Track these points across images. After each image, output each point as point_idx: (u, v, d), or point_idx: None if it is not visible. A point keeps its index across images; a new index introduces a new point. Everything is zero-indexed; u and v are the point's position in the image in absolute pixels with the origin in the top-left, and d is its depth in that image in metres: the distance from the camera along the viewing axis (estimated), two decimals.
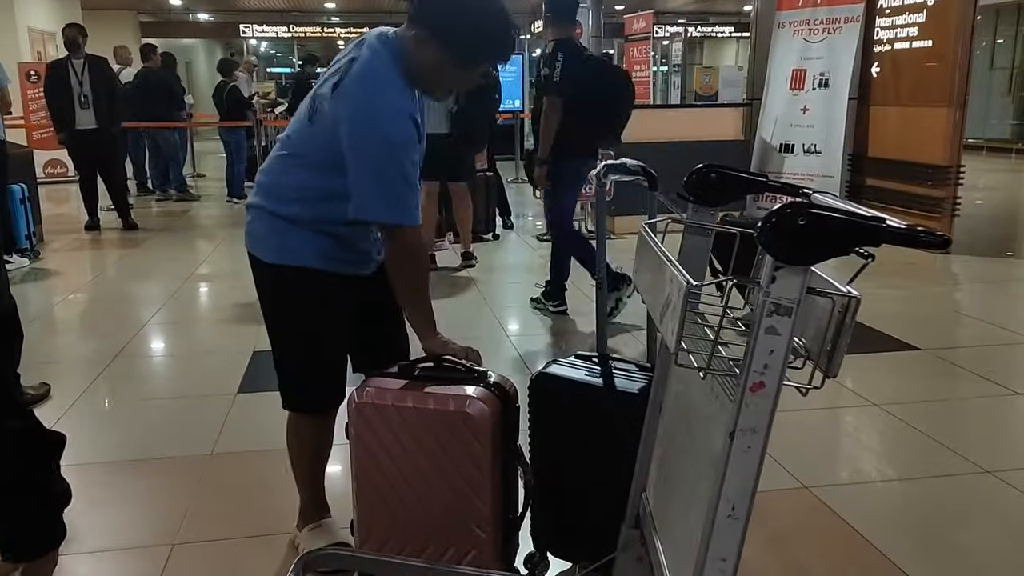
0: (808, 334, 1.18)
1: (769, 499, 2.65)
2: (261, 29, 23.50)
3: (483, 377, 1.97)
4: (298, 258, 2.06)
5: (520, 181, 11.29)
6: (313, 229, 2.05)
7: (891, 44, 7.04)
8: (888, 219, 1.02)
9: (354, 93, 1.93)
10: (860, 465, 3.09)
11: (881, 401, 3.51)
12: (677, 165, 1.88)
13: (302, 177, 2.03)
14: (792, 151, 7.30)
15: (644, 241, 1.50)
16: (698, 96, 14.89)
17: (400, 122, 1.92)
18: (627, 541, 1.75)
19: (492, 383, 1.96)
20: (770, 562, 2.38)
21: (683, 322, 1.11)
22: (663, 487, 1.62)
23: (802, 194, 1.43)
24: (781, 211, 1.02)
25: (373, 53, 1.96)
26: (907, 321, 4.68)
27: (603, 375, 2.04)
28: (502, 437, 1.93)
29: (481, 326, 4.73)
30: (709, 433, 1.27)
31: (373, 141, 1.89)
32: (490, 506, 1.92)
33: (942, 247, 1.01)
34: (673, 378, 1.62)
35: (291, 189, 2.05)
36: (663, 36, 18.83)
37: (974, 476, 2.86)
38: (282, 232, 2.06)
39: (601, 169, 2.24)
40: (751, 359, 1.04)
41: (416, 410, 1.90)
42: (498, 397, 1.93)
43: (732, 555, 1.11)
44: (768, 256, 1.02)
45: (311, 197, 2.03)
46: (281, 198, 2.06)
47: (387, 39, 1.99)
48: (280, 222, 2.06)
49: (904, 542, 2.46)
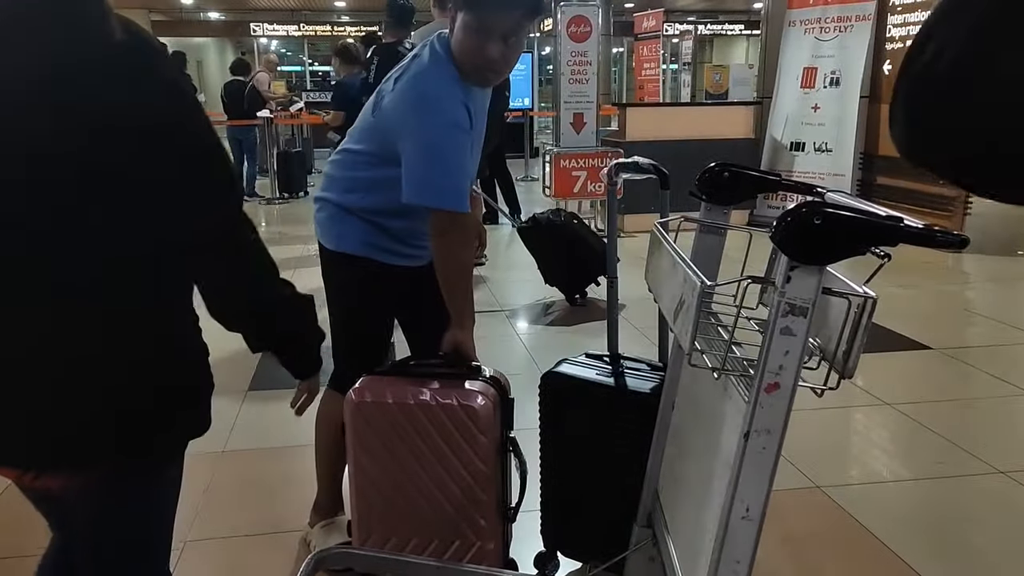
0: (823, 334, 1.17)
1: (781, 499, 2.64)
2: (272, 28, 23.55)
3: (478, 371, 1.98)
4: (346, 245, 2.14)
5: (529, 179, 11.29)
6: (365, 219, 2.12)
7: (903, 42, 6.99)
8: (905, 218, 1.01)
9: (413, 82, 2.00)
10: (872, 465, 3.08)
11: (893, 401, 3.50)
12: (687, 163, 1.87)
13: (361, 168, 2.12)
14: (803, 149, 7.28)
15: (657, 240, 1.50)
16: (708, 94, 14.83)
17: (452, 106, 1.95)
18: (639, 540, 1.75)
19: (488, 377, 1.97)
20: (782, 562, 2.37)
21: (698, 322, 1.11)
22: (675, 487, 1.62)
23: (816, 193, 1.42)
24: (796, 210, 1.01)
25: (431, 50, 2.02)
26: (919, 320, 4.66)
27: (614, 374, 2.04)
28: (502, 429, 1.96)
29: (491, 324, 4.72)
30: (723, 433, 1.26)
31: (428, 124, 1.94)
32: (494, 497, 1.94)
33: (960, 247, 1.00)
34: (686, 378, 1.61)
35: (350, 180, 2.14)
36: (673, 34, 18.79)
37: (987, 476, 2.85)
38: (339, 221, 2.15)
39: (612, 168, 2.24)
40: (766, 360, 1.04)
41: (418, 406, 1.90)
42: (495, 390, 1.96)
43: (747, 556, 1.11)
44: (783, 256, 1.02)
45: (366, 187, 2.11)
46: (342, 189, 2.16)
47: (442, 36, 2.04)
48: (338, 211, 2.15)
49: (917, 542, 2.45)
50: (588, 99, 7.30)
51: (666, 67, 15.33)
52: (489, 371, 2.02)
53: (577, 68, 7.27)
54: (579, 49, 7.24)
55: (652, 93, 13.10)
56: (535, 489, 2.12)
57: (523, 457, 1.98)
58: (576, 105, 7.28)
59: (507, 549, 2.09)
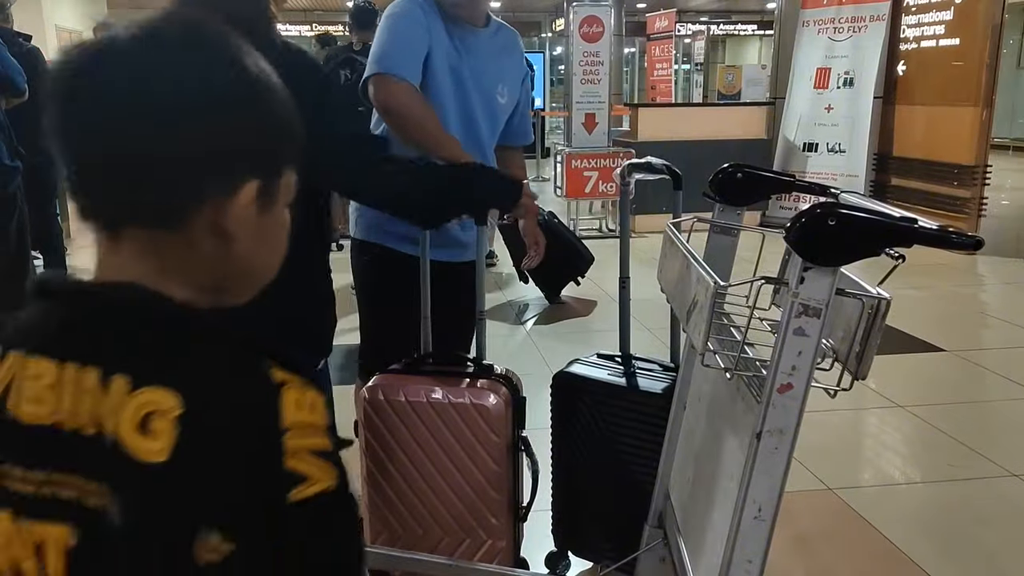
0: (837, 335, 1.17)
1: (793, 500, 2.63)
2: (284, 28, 23.65)
3: (489, 369, 1.98)
4: (358, 231, 2.26)
5: (541, 180, 11.29)
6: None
7: (917, 43, 6.96)
8: (920, 220, 1.01)
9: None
10: (885, 467, 3.07)
11: (906, 403, 3.48)
12: (699, 164, 1.87)
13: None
14: (816, 150, 7.25)
15: (670, 241, 1.50)
16: (721, 95, 14.81)
17: (408, 4, 2.07)
18: (650, 541, 1.75)
19: (500, 375, 1.97)
20: (795, 564, 2.36)
21: (710, 322, 1.11)
22: (687, 487, 1.62)
23: (830, 194, 1.42)
24: (811, 211, 1.01)
25: None
26: (932, 322, 4.63)
27: (626, 374, 2.04)
28: (513, 427, 1.96)
29: (503, 324, 4.73)
30: (735, 434, 1.26)
31: (385, 15, 2.11)
32: (506, 495, 1.94)
33: (975, 248, 1.00)
34: (698, 378, 1.61)
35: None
36: (685, 34, 18.75)
37: (1000, 479, 2.83)
38: (357, 209, 2.27)
39: (625, 168, 2.23)
40: (779, 360, 1.04)
41: (431, 404, 1.91)
42: (507, 388, 1.96)
43: (758, 557, 1.11)
44: (797, 256, 1.01)
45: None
46: None
47: None
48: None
49: (929, 545, 2.44)
50: (600, 99, 7.30)
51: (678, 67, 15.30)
52: (501, 369, 2.02)
53: (589, 68, 7.27)
54: (591, 49, 7.24)
55: (664, 93, 13.08)
56: (546, 489, 2.13)
57: (535, 456, 1.98)
58: (588, 105, 7.28)
59: (518, 548, 2.09)
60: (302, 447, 0.63)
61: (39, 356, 0.65)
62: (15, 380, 0.66)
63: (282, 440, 0.62)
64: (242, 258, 0.72)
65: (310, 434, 0.64)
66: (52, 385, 0.64)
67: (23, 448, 0.64)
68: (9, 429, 0.65)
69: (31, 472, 0.63)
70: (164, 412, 0.60)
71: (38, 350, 0.66)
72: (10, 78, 3.61)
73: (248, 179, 0.69)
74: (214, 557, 0.59)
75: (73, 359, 0.64)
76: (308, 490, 0.62)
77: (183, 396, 0.61)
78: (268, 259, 0.76)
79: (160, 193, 0.66)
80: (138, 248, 0.68)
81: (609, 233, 7.46)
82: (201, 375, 0.63)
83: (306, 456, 0.63)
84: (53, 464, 0.63)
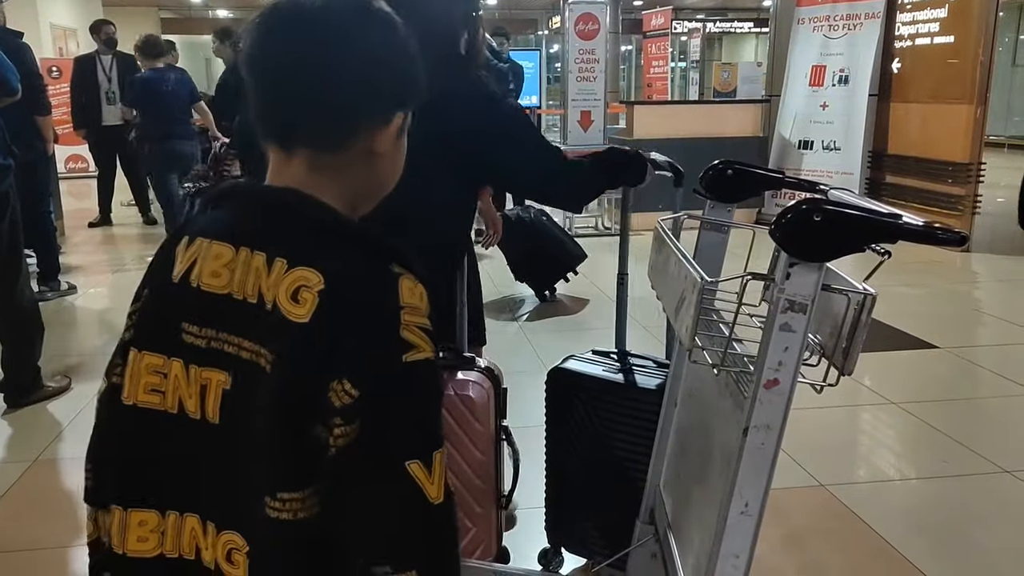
0: (824, 331, 1.18)
1: (785, 497, 2.65)
2: None
3: (471, 361, 1.99)
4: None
5: None
6: None
7: (912, 40, 6.97)
8: (905, 216, 1.01)
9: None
10: (877, 464, 3.07)
11: (899, 399, 3.49)
12: (695, 161, 1.87)
13: None
14: (811, 148, 7.26)
15: (660, 238, 1.50)
16: (716, 92, 14.81)
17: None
18: (641, 537, 1.75)
19: (482, 367, 1.98)
20: (786, 560, 2.37)
21: (697, 318, 1.11)
22: (678, 483, 1.62)
23: (819, 190, 1.42)
24: (796, 207, 1.02)
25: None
26: (926, 319, 4.64)
27: (621, 371, 2.04)
28: (496, 418, 1.97)
29: (496, 320, 4.73)
30: (723, 429, 1.27)
31: None
32: (491, 484, 1.95)
33: (960, 244, 1.00)
34: (689, 374, 1.62)
35: None
36: (681, 32, 18.75)
37: (992, 476, 2.84)
38: None
39: None
40: (765, 356, 1.04)
41: None
42: (490, 380, 1.97)
43: (745, 552, 1.11)
44: (783, 252, 1.02)
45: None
46: None
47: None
48: None
49: (921, 541, 2.45)
50: (596, 97, 7.31)
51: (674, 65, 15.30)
52: (483, 361, 2.02)
53: (585, 66, 7.27)
54: (587, 47, 7.24)
55: (660, 91, 13.08)
56: (539, 485, 2.13)
57: (516, 446, 1.99)
58: (584, 103, 7.28)
59: (500, 536, 2.10)
60: (412, 322, 0.81)
61: (220, 242, 0.86)
62: (199, 259, 0.87)
63: (399, 314, 0.81)
64: (380, 175, 0.93)
65: (419, 314, 0.82)
66: (228, 263, 0.85)
67: (200, 311, 0.86)
68: (192, 296, 0.86)
69: (205, 329, 0.85)
70: (311, 286, 0.80)
71: (219, 237, 0.87)
72: (5, 78, 3.60)
73: (398, 112, 0.89)
74: (346, 400, 0.78)
75: (246, 245, 0.85)
76: (417, 355, 0.81)
77: (325, 275, 0.80)
78: (393, 178, 0.95)
79: (336, 120, 0.86)
80: (305, 166, 0.87)
81: (605, 231, 7.46)
82: (341, 261, 0.82)
83: (415, 330, 0.81)
84: (221, 325, 0.84)
